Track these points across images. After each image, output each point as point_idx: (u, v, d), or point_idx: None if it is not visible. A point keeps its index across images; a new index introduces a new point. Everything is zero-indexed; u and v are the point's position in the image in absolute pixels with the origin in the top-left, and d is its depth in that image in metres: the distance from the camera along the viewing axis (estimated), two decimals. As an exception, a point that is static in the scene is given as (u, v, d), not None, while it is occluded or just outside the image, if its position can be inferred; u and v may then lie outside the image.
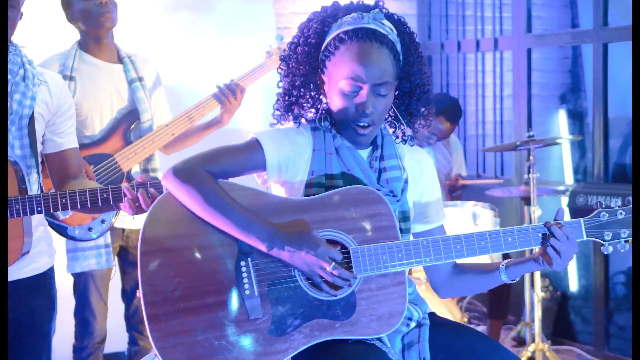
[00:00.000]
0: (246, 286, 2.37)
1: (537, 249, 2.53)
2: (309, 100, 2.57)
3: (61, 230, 3.82)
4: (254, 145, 2.48)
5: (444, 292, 2.70)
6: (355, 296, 2.41)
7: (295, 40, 2.57)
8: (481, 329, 6.23)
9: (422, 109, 2.61)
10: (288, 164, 2.50)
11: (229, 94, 4.26)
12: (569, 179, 7.01)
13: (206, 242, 2.38)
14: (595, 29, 5.65)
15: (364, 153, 2.59)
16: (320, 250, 2.35)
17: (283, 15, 6.44)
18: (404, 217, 2.57)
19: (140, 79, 4.17)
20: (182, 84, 5.42)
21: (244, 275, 2.38)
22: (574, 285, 6.11)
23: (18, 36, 2.97)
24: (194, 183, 2.36)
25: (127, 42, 4.39)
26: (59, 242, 4.05)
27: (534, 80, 6.47)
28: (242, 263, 2.39)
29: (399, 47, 2.51)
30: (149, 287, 2.35)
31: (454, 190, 5.95)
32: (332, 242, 2.44)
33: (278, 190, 2.56)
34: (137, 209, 2.74)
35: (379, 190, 2.50)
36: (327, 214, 2.42)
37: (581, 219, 2.53)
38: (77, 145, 3.09)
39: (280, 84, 2.60)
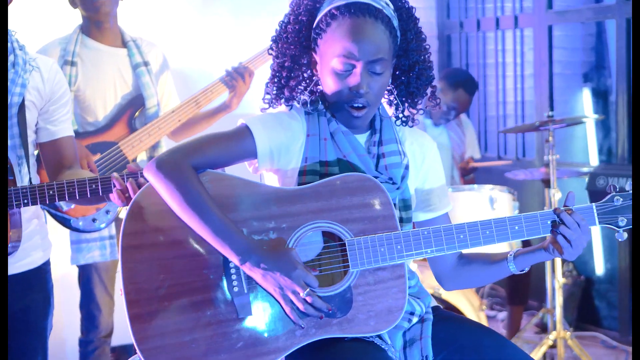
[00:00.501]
0: (235, 283, 2.24)
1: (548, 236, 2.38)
2: (302, 82, 2.44)
3: (64, 221, 3.73)
4: (244, 132, 2.35)
5: (449, 285, 2.56)
6: (351, 291, 2.27)
7: (286, 19, 2.43)
8: (502, 315, 6.08)
9: (425, 88, 2.47)
10: (280, 151, 2.36)
11: (238, 78, 4.14)
12: (594, 160, 6.82)
13: (192, 235, 2.25)
14: (618, 3, 5.47)
15: (362, 138, 2.45)
16: (296, 273, 2.21)
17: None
18: (405, 206, 2.43)
19: (146, 64, 4.08)
20: (191, 67, 5.31)
21: (233, 271, 2.25)
22: (599, 268, 5.93)
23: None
24: (175, 179, 2.23)
25: (133, 25, 4.32)
26: (64, 234, 3.98)
27: (556, 58, 6.30)
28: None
29: (395, 22, 2.38)
30: (131, 285, 2.22)
31: (466, 174, 5.79)
32: (327, 234, 2.31)
33: (271, 179, 2.43)
34: (127, 200, 2.61)
35: (377, 177, 2.37)
36: (321, 204, 2.28)
37: (593, 204, 2.39)
38: (72, 134, 2.98)
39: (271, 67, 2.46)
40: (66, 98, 2.92)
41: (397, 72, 2.45)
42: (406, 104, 2.48)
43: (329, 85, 2.36)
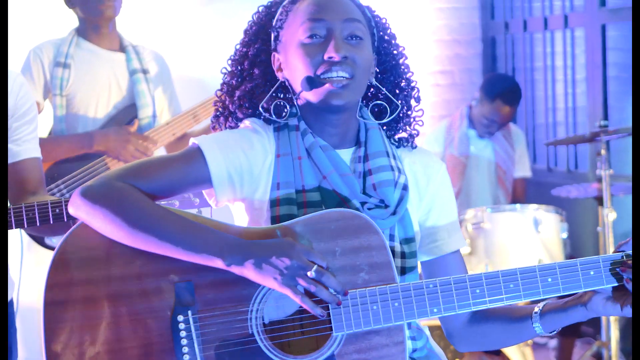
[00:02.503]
0: (185, 349, 1.77)
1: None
2: (264, 87, 2.00)
3: (38, 240, 3.39)
4: (194, 154, 1.88)
5: (462, 345, 2.06)
6: (335, 361, 1.78)
7: (237, 48, 2.07)
8: (553, 342, 5.56)
9: (414, 85, 2.06)
10: (242, 176, 1.90)
11: None
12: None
13: (132, 288, 1.78)
14: (678, 0, 4.91)
15: (346, 154, 1.98)
16: (296, 251, 1.74)
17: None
18: (407, 237, 1.95)
19: (144, 71, 3.76)
20: (199, 79, 4.95)
21: (183, 334, 1.77)
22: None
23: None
24: (109, 199, 1.77)
25: (136, 33, 4.04)
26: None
27: (611, 60, 5.80)
28: (180, 318, 1.78)
29: (369, 13, 2.01)
30: (53, 352, 1.76)
31: (518, 201, 5.25)
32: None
33: (239, 212, 1.96)
34: None
35: (364, 203, 1.89)
36: (296, 249, 1.79)
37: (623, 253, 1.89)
38: (39, 155, 2.65)
39: (220, 94, 2.06)
40: (32, 115, 2.58)
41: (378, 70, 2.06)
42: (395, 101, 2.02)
43: (298, 69, 1.92)
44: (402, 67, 2.04)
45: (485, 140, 5.17)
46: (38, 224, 2.44)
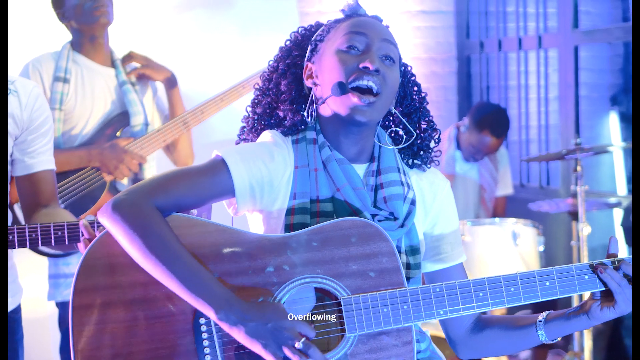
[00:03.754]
0: (207, 350, 1.86)
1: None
2: (292, 100, 2.11)
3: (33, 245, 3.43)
4: (218, 166, 1.97)
5: (464, 352, 2.17)
6: (348, 361, 1.89)
7: (269, 63, 2.20)
8: (524, 355, 5.67)
9: (435, 127, 2.17)
10: (263, 187, 1.99)
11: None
12: (622, 189, 6.41)
13: (155, 292, 1.87)
14: (649, 22, 5.08)
15: (360, 169, 2.09)
16: (288, 323, 1.83)
17: (308, 14, 6.02)
18: (413, 250, 2.06)
19: (133, 83, 3.78)
20: (196, 89, 5.00)
21: (205, 336, 1.87)
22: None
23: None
24: (134, 221, 1.85)
25: (133, 43, 4.03)
26: (43, 269, 3.65)
27: (582, 80, 5.94)
28: (202, 320, 1.88)
29: (399, 54, 2.14)
30: (82, 353, 1.85)
31: (498, 215, 5.35)
32: (320, 290, 1.93)
33: (255, 221, 2.06)
34: None
35: (375, 215, 2.00)
36: (311, 255, 1.91)
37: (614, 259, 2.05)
38: (53, 167, 2.67)
39: (249, 109, 2.17)
40: (47, 127, 2.61)
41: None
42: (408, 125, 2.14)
43: (330, 73, 2.02)
44: (425, 110, 2.16)
45: (470, 164, 5.24)
46: (40, 245, 2.46)
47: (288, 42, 2.17)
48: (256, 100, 2.15)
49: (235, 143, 2.15)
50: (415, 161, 2.15)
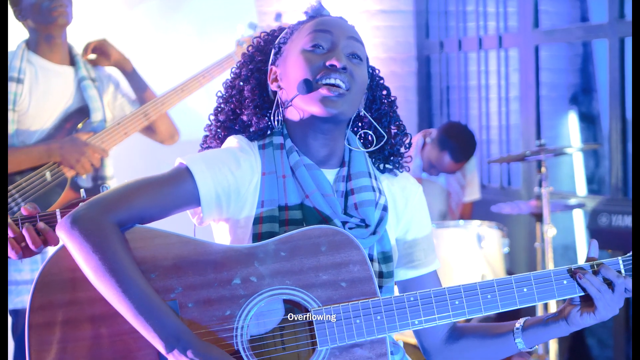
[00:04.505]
0: (172, 367, 1.77)
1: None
2: (257, 104, 2.03)
3: None
4: (182, 175, 1.88)
5: None
6: (319, 375, 1.80)
7: (232, 70, 2.11)
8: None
9: (405, 131, 2.10)
10: (230, 196, 1.90)
11: None
12: (581, 189, 6.40)
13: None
14: (610, 22, 5.09)
15: (330, 174, 2.00)
16: None
17: (266, 13, 5.93)
18: (385, 257, 1.98)
19: (93, 80, 3.67)
20: (154, 83, 4.91)
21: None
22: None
23: None
24: (91, 239, 1.75)
25: (86, 39, 3.91)
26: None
27: (543, 80, 5.94)
28: None
29: (367, 55, 2.07)
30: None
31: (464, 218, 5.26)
32: (290, 302, 1.84)
33: (221, 231, 1.96)
34: (25, 251, 2.11)
35: (345, 222, 1.92)
36: (279, 265, 1.82)
37: (619, 258, 2.00)
38: None
39: (211, 117, 2.09)
40: None
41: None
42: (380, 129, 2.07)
43: (295, 73, 1.94)
44: (396, 115, 2.09)
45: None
46: None
47: (250, 48, 2.10)
48: (219, 108, 2.06)
49: (200, 145, 2.06)
50: (387, 166, 2.08)
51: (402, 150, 2.09)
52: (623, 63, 5.05)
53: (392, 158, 2.08)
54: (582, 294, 1.93)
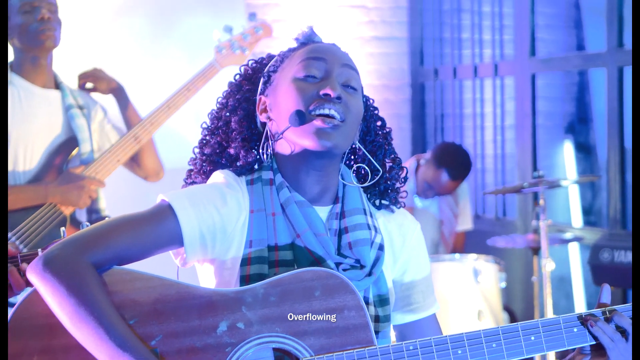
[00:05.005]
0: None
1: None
2: (241, 136, 1.90)
3: None
4: (164, 212, 1.75)
5: None
6: None
7: (218, 99, 1.98)
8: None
9: (401, 165, 1.98)
10: (215, 235, 1.77)
11: None
12: (577, 221, 6.28)
13: (92, 357, 1.63)
14: (609, 51, 4.98)
15: (322, 211, 1.87)
16: None
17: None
18: (382, 300, 1.85)
19: (81, 107, 3.54)
20: (139, 103, 4.80)
21: None
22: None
23: None
24: (66, 282, 1.62)
25: (77, 70, 3.79)
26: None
27: (540, 109, 5.84)
28: None
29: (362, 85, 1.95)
30: None
31: (457, 250, 5.13)
32: (280, 351, 1.70)
33: (206, 273, 1.83)
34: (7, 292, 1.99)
35: (339, 264, 1.79)
36: (269, 311, 1.68)
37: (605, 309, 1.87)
38: None
39: (196, 150, 1.96)
40: None
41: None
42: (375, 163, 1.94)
43: (287, 104, 1.82)
44: (391, 147, 1.97)
45: (429, 200, 4.99)
46: None
47: (238, 76, 1.97)
48: (204, 141, 1.93)
49: (181, 188, 1.93)
50: (383, 201, 1.95)
51: (398, 185, 1.97)
52: (622, 92, 4.95)
53: (388, 193, 1.95)
54: (594, 342, 1.81)
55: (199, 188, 1.82)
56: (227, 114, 1.92)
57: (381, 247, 1.85)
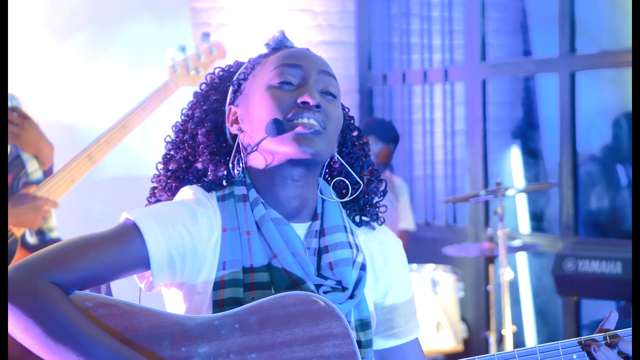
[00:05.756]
0: None
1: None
2: (208, 150, 1.77)
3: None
4: (129, 233, 1.59)
5: None
6: None
7: (182, 112, 1.84)
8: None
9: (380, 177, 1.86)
10: (185, 257, 1.62)
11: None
12: (525, 228, 6.24)
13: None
14: (561, 56, 4.93)
15: (300, 229, 1.74)
16: None
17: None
18: (363, 324, 1.73)
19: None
20: (83, 121, 4.61)
21: None
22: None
23: None
24: (29, 305, 1.46)
25: (16, 79, 3.61)
26: None
27: (490, 114, 5.79)
28: None
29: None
30: None
31: None
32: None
33: (174, 298, 1.69)
34: None
35: (320, 285, 1.66)
36: (248, 340, 1.55)
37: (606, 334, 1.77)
38: None
39: (159, 166, 1.81)
40: None
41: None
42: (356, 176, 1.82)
43: (262, 113, 1.69)
44: (369, 158, 1.86)
45: None
46: None
47: (204, 86, 1.83)
48: (168, 156, 1.79)
49: (147, 199, 1.78)
50: (364, 218, 1.83)
51: (377, 199, 1.85)
52: (574, 97, 4.91)
53: (368, 208, 1.83)
54: None
55: (166, 205, 1.67)
56: (193, 126, 1.79)
57: (363, 267, 1.73)
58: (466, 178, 5.67)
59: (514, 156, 6.54)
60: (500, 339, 4.21)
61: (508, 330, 4.01)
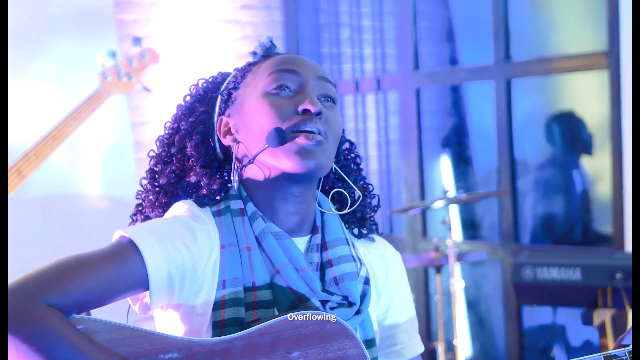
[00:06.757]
0: None
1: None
2: (199, 164, 1.67)
3: None
4: (126, 251, 1.47)
5: None
6: None
7: (167, 125, 1.76)
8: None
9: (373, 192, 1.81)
10: (184, 276, 1.51)
11: None
12: (458, 237, 6.22)
13: None
14: (497, 63, 4.93)
15: (301, 242, 1.65)
16: None
17: (128, 37, 5.48)
18: (368, 342, 1.65)
19: None
20: (11, 138, 4.39)
21: None
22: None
23: None
24: (26, 334, 1.33)
25: None
26: None
27: (425, 124, 5.75)
28: None
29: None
30: None
31: None
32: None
33: (170, 320, 1.57)
34: None
35: (326, 301, 1.57)
36: (258, 364, 1.44)
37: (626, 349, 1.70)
38: None
39: (144, 182, 1.71)
40: None
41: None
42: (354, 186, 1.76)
43: (260, 122, 1.60)
44: (361, 172, 1.79)
45: None
46: None
47: (188, 98, 1.74)
48: (155, 169, 1.68)
49: (127, 225, 1.66)
50: (362, 230, 1.74)
51: (371, 213, 1.77)
52: (510, 105, 4.92)
53: (364, 221, 1.75)
54: None
55: (162, 222, 1.55)
56: (180, 139, 1.68)
57: (367, 281, 1.65)
58: (402, 188, 5.62)
59: (444, 165, 6.54)
60: (449, 349, 4.16)
61: (459, 340, 3.97)
